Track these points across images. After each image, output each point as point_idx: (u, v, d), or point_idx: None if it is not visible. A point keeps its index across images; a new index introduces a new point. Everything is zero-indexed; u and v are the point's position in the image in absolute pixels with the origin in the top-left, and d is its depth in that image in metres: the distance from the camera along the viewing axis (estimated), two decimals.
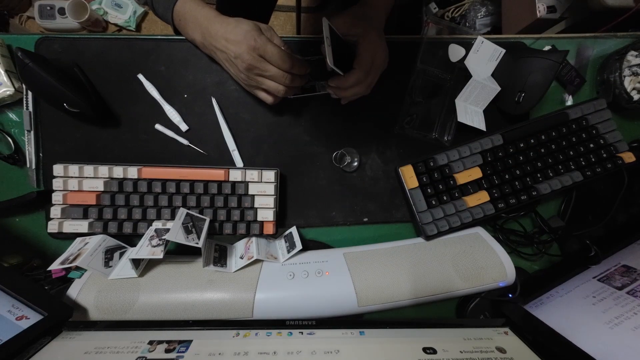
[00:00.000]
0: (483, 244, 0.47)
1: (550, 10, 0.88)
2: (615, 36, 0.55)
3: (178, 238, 0.40)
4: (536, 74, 0.48)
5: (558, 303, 0.45)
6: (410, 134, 0.52)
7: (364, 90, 0.44)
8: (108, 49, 0.48)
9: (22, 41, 0.47)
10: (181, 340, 0.34)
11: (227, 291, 0.42)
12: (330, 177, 0.51)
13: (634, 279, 0.43)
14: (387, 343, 0.35)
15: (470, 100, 0.50)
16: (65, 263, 0.40)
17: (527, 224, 0.53)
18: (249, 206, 0.47)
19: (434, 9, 1.18)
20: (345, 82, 0.42)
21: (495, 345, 0.35)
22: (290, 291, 0.43)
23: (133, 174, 0.45)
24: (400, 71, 0.52)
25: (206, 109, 0.49)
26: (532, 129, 0.50)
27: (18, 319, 0.35)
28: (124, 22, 1.31)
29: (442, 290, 0.44)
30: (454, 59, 0.51)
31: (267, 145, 0.51)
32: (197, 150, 0.49)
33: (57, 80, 0.42)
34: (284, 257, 0.46)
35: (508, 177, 0.50)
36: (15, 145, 0.47)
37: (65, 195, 0.45)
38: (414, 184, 0.49)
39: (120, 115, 0.49)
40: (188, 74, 0.49)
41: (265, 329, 0.36)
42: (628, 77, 0.51)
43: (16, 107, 0.47)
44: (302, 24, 1.18)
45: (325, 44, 0.39)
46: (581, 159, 0.51)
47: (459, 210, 0.49)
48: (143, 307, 0.40)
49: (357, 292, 0.43)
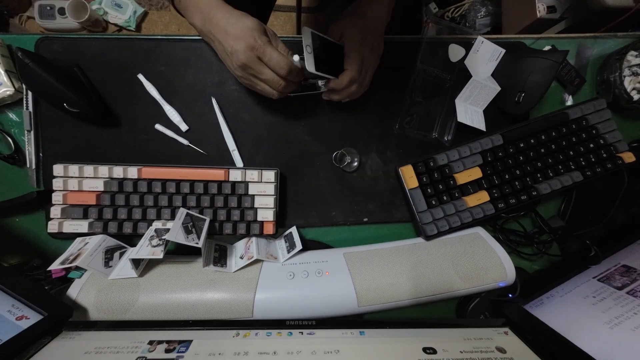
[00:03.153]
0: (483, 244, 0.47)
1: (550, 10, 0.88)
2: (615, 36, 0.55)
3: (178, 238, 0.40)
4: (536, 74, 0.48)
5: (558, 303, 0.45)
6: (410, 134, 0.52)
7: (358, 89, 0.44)
8: (108, 49, 0.48)
9: (22, 41, 0.47)
10: (181, 340, 0.34)
11: (227, 291, 0.42)
12: (330, 177, 0.51)
13: (634, 279, 0.43)
14: (387, 343, 0.35)
15: (470, 100, 0.50)
16: (65, 263, 0.40)
17: (527, 224, 0.53)
18: (249, 206, 0.47)
19: (434, 9, 1.17)
20: (339, 83, 0.43)
21: (495, 345, 0.35)
22: (290, 291, 0.43)
23: (133, 174, 0.45)
24: (400, 71, 0.52)
25: (206, 109, 0.49)
26: (532, 129, 0.50)
27: (18, 319, 0.35)
28: (124, 22, 1.31)
29: (442, 290, 0.44)
30: (454, 59, 0.51)
31: (267, 145, 0.51)
32: (197, 150, 0.49)
33: (57, 80, 0.42)
34: (284, 257, 0.46)
35: (508, 177, 0.50)
36: (15, 145, 0.47)
37: (65, 195, 0.45)
38: (414, 184, 0.49)
39: (120, 115, 0.49)
40: (188, 74, 0.49)
41: (265, 329, 0.36)
42: (628, 77, 0.51)
43: (16, 107, 0.47)
44: (302, 24, 1.18)
45: (305, 51, 0.40)
46: (581, 159, 0.51)
47: (459, 210, 0.49)
48: (143, 307, 0.40)
49: (357, 292, 0.43)
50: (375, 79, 0.51)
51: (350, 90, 0.44)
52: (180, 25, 1.38)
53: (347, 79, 0.42)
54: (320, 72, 0.42)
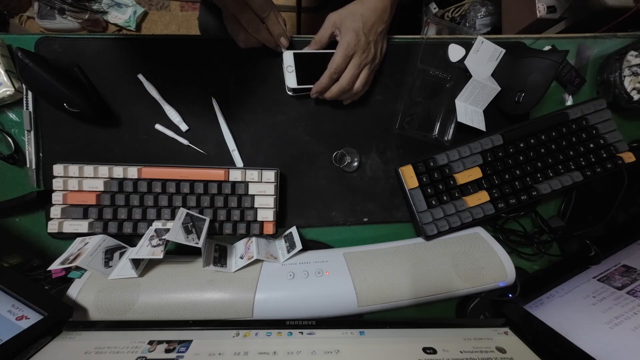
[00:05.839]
0: (483, 244, 0.47)
1: (550, 10, 0.87)
2: (615, 36, 0.55)
3: (178, 238, 0.40)
4: (536, 74, 0.48)
5: (558, 303, 0.45)
6: (410, 134, 0.52)
7: (346, 85, 0.45)
8: (108, 49, 0.48)
9: (22, 41, 0.47)
10: (181, 340, 0.34)
11: (227, 291, 0.42)
12: (330, 177, 0.51)
13: (634, 279, 0.43)
14: (387, 343, 0.35)
15: (470, 100, 0.50)
16: (65, 263, 0.40)
17: (527, 224, 0.53)
18: (249, 206, 0.47)
19: (434, 9, 1.17)
20: (319, 85, 0.45)
21: (495, 345, 0.35)
22: (290, 291, 0.43)
23: (133, 174, 0.45)
24: (400, 71, 0.52)
25: (206, 109, 0.49)
26: (532, 129, 0.50)
27: (18, 319, 0.35)
28: (124, 22, 1.31)
29: (442, 290, 0.44)
30: (454, 59, 0.51)
31: (267, 145, 0.51)
32: (197, 150, 0.49)
33: (57, 80, 0.42)
34: (284, 257, 0.46)
35: (508, 177, 0.50)
36: (15, 145, 0.47)
37: (65, 195, 0.45)
38: (414, 184, 0.49)
39: (120, 115, 0.49)
40: (188, 74, 0.49)
41: (265, 329, 0.36)
42: (628, 77, 0.51)
43: (16, 107, 0.47)
44: (302, 24, 1.18)
45: (286, 71, 0.46)
46: (581, 159, 0.51)
47: (459, 210, 0.49)
48: (143, 307, 0.40)
49: (357, 292, 0.43)
50: (375, 79, 0.51)
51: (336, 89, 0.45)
52: (180, 25, 1.38)
53: (325, 78, 0.44)
54: (304, 85, 0.46)
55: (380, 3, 0.45)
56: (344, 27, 0.44)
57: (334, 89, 0.46)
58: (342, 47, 0.43)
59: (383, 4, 0.45)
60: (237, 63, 0.50)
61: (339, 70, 0.44)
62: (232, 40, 0.46)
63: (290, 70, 0.45)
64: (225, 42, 0.48)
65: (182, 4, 1.37)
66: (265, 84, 0.50)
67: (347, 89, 0.46)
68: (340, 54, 0.43)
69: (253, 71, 0.50)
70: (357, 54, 0.44)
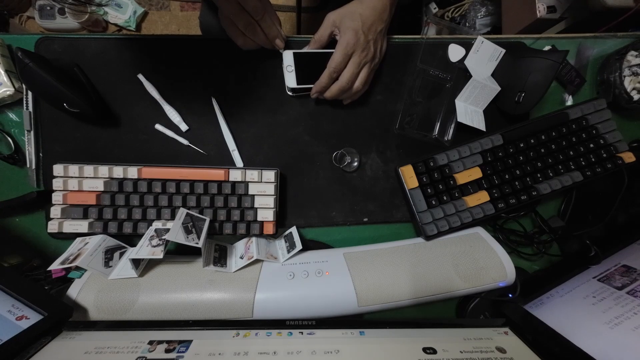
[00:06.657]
0: (483, 244, 0.47)
1: (550, 10, 0.87)
2: (615, 36, 0.55)
3: (178, 238, 0.40)
4: (536, 74, 0.48)
5: (558, 303, 0.45)
6: (410, 134, 0.52)
7: (346, 84, 0.45)
8: (108, 49, 0.48)
9: (22, 41, 0.47)
10: (181, 340, 0.34)
11: (227, 291, 0.42)
12: (330, 177, 0.51)
13: (634, 279, 0.43)
14: (387, 343, 0.35)
15: (470, 101, 0.50)
16: (65, 263, 0.40)
17: (527, 224, 0.53)
18: (249, 206, 0.47)
19: (434, 9, 1.17)
20: (319, 84, 0.45)
21: (495, 345, 0.35)
22: (290, 291, 0.43)
23: (133, 174, 0.45)
24: (400, 71, 0.52)
25: (206, 109, 0.49)
26: (532, 129, 0.50)
27: (18, 319, 0.35)
28: (124, 22, 1.31)
29: (442, 290, 0.44)
30: (454, 59, 0.51)
31: (267, 145, 0.51)
32: (197, 150, 0.49)
33: (57, 80, 0.42)
34: (284, 257, 0.46)
35: (508, 177, 0.50)
36: (15, 145, 0.47)
37: (65, 195, 0.45)
38: (414, 184, 0.49)
39: (120, 115, 0.49)
40: (188, 74, 0.49)
41: (265, 329, 0.36)
42: (628, 77, 0.51)
43: (16, 107, 0.47)
44: (302, 24, 1.18)
45: (286, 71, 0.46)
46: (581, 159, 0.51)
47: (459, 210, 0.49)
48: (143, 307, 0.40)
49: (357, 292, 0.43)
50: (375, 79, 0.51)
51: (336, 88, 0.45)
52: (180, 25, 1.38)
53: (325, 78, 0.45)
54: (304, 85, 0.46)
55: (379, 2, 0.45)
56: (343, 26, 0.44)
57: (333, 88, 0.46)
58: (341, 46, 0.43)
59: (382, 3, 0.45)
60: (237, 63, 0.50)
61: (338, 69, 0.44)
62: (232, 40, 0.46)
63: (290, 70, 0.45)
64: (225, 42, 0.48)
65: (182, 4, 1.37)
66: (265, 84, 0.50)
67: (346, 88, 0.46)
68: (340, 53, 0.43)
69: (253, 71, 0.50)
70: (357, 52, 0.44)
